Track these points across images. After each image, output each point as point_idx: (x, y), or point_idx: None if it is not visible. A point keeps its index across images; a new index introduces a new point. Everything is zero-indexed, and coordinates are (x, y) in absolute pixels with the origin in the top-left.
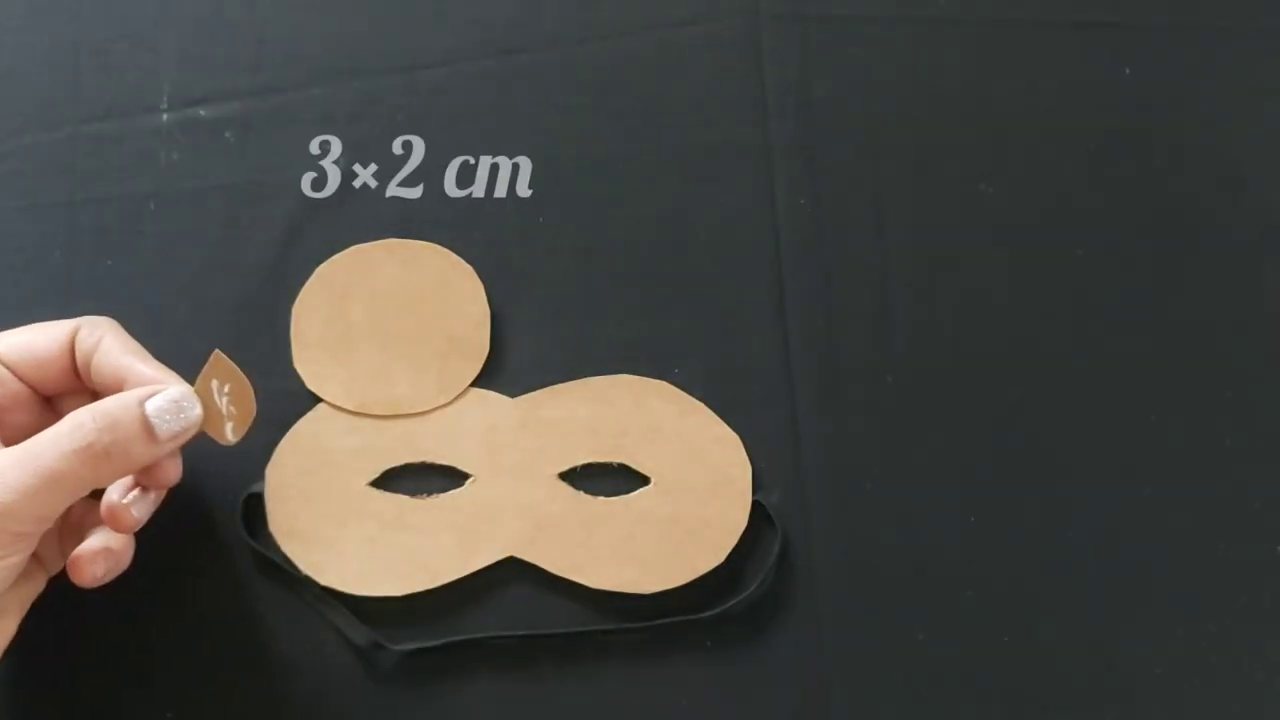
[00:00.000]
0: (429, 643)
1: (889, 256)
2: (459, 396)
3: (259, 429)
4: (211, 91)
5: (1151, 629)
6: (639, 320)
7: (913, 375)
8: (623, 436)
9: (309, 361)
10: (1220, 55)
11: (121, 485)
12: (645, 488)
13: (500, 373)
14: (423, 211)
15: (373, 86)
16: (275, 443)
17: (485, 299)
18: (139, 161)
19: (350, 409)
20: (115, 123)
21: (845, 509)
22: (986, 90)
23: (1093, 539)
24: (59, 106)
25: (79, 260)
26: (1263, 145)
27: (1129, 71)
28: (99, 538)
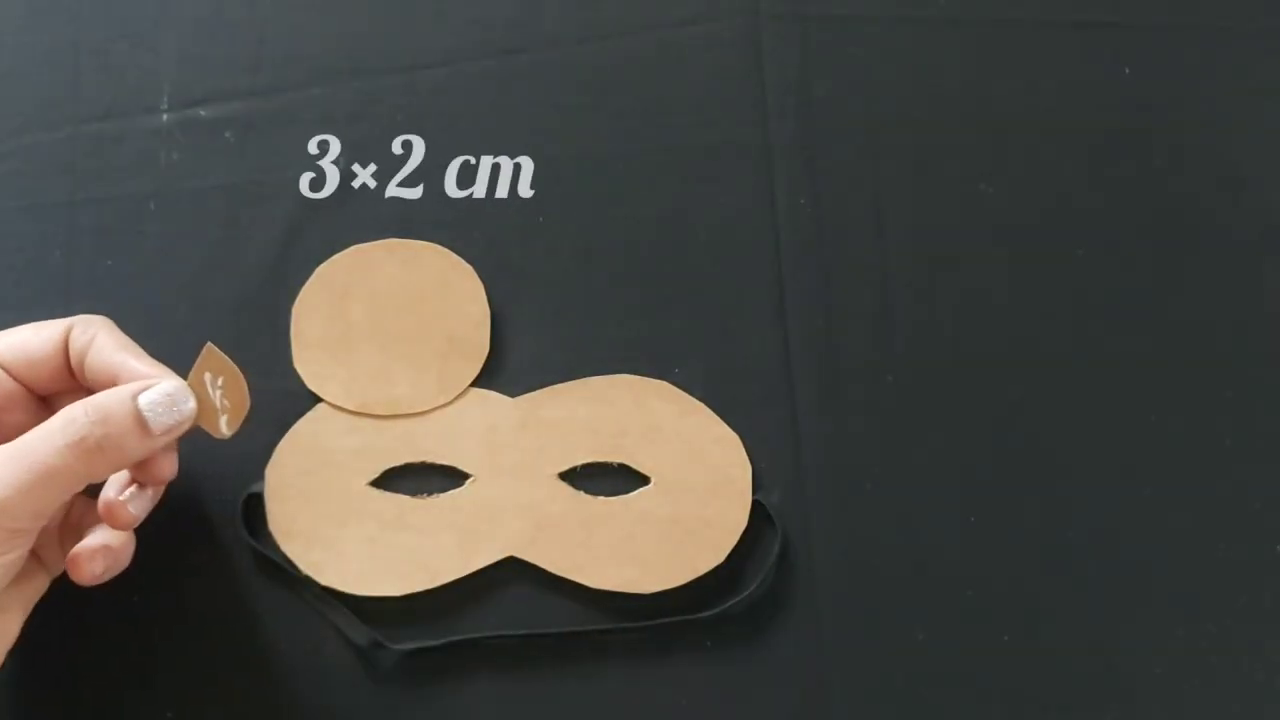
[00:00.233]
0: (429, 642)
1: (889, 256)
2: (459, 396)
3: (259, 429)
4: (211, 91)
5: (1151, 629)
6: (639, 320)
7: (913, 375)
8: (623, 436)
9: (309, 361)
10: (1220, 55)
11: (118, 482)
12: (645, 488)
13: (500, 373)
14: (423, 211)
15: (373, 86)
16: (275, 443)
17: (485, 299)
18: (139, 161)
19: (350, 409)
20: (115, 123)
21: (845, 509)
22: (986, 90)
23: (1093, 539)
24: (59, 106)
25: (79, 260)
26: (1263, 145)
27: (1129, 71)
28: (98, 535)
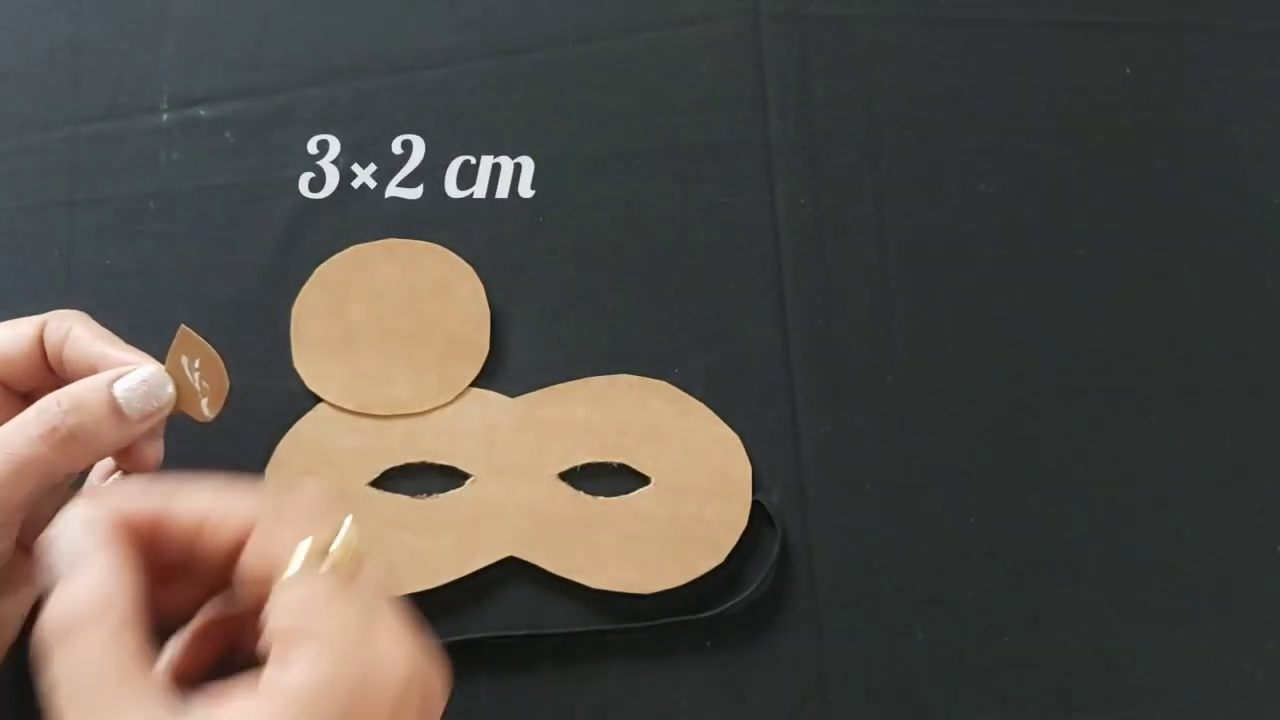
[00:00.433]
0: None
1: (889, 256)
2: (459, 396)
3: (259, 429)
4: (211, 91)
5: (1151, 629)
6: (639, 320)
7: (913, 375)
8: (623, 436)
9: (309, 361)
10: (1220, 55)
11: (102, 470)
12: (645, 488)
13: (500, 373)
14: (423, 211)
15: (373, 86)
16: (275, 443)
17: (485, 299)
18: (139, 161)
19: (350, 409)
20: (115, 123)
21: (845, 509)
22: (986, 90)
23: (1093, 539)
24: (59, 106)
25: (79, 260)
26: (1263, 145)
27: (1129, 71)
28: None
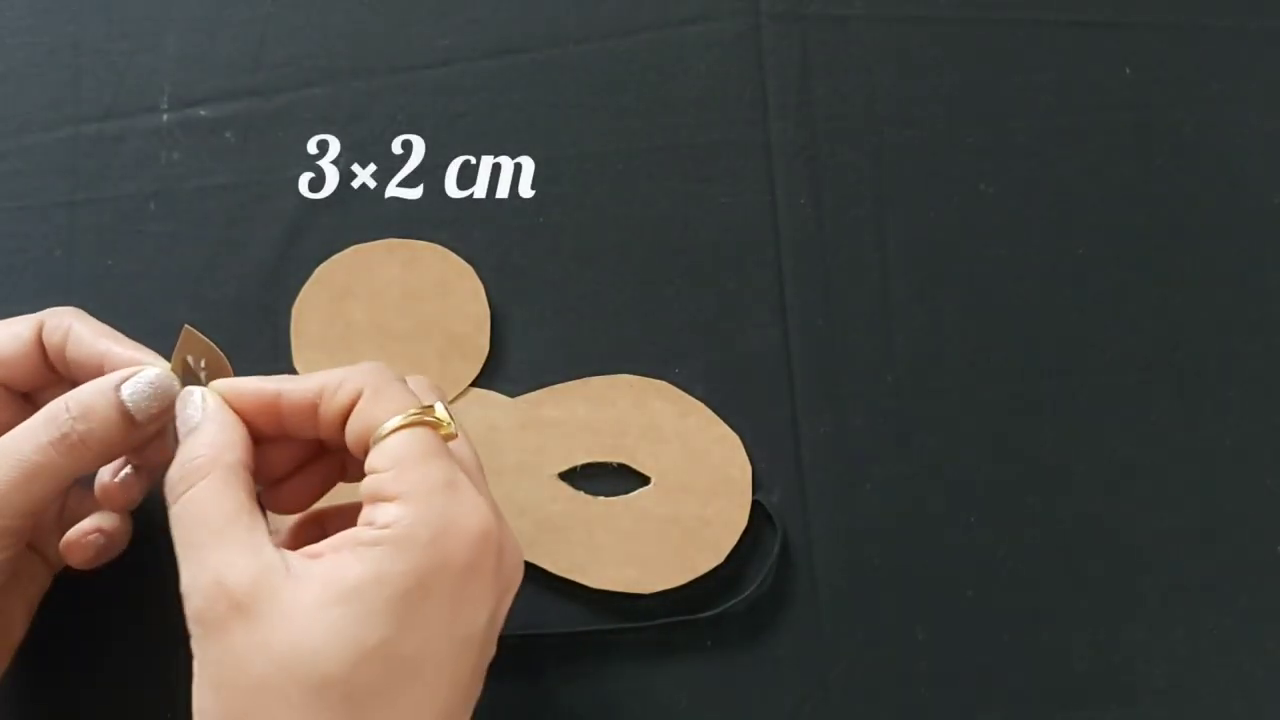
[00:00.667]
0: None
1: (889, 256)
2: (459, 396)
3: None
4: (211, 91)
5: (1151, 629)
6: (639, 320)
7: (913, 375)
8: (623, 436)
9: (309, 361)
10: (1220, 55)
11: (114, 464)
12: (645, 488)
13: (500, 373)
14: (423, 211)
15: (373, 86)
16: None
17: (485, 299)
18: (139, 161)
19: None
20: (115, 123)
21: (845, 509)
22: (986, 90)
23: (1093, 539)
24: (59, 106)
25: (79, 260)
26: (1263, 145)
27: (1129, 71)
28: (91, 519)
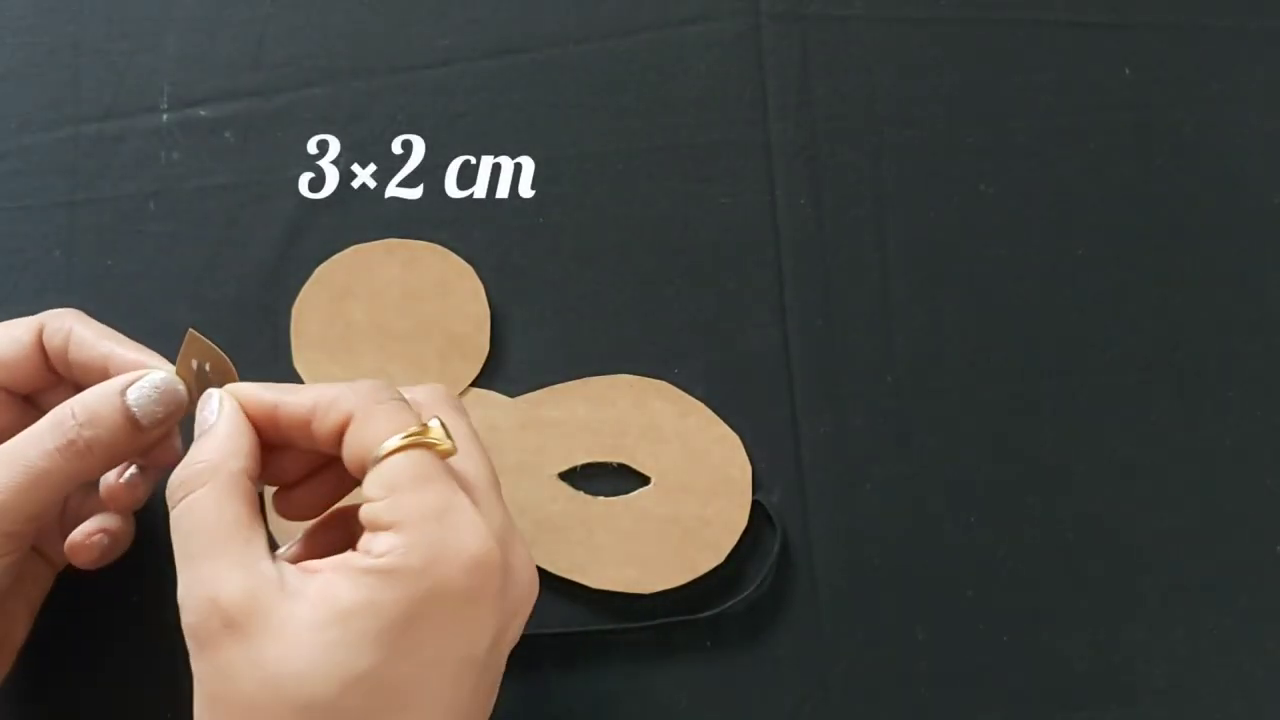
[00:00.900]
0: None
1: (889, 256)
2: (459, 396)
3: None
4: (211, 91)
5: (1151, 629)
6: (639, 320)
7: (913, 375)
8: (623, 436)
9: (309, 361)
10: (1220, 55)
11: (119, 465)
12: (645, 488)
13: (500, 373)
14: (423, 211)
15: (373, 86)
16: None
17: (485, 299)
18: (139, 161)
19: None
20: (115, 123)
21: (845, 509)
22: (986, 90)
23: (1093, 539)
24: (59, 106)
25: (79, 260)
26: (1263, 145)
27: (1129, 71)
28: (96, 519)
